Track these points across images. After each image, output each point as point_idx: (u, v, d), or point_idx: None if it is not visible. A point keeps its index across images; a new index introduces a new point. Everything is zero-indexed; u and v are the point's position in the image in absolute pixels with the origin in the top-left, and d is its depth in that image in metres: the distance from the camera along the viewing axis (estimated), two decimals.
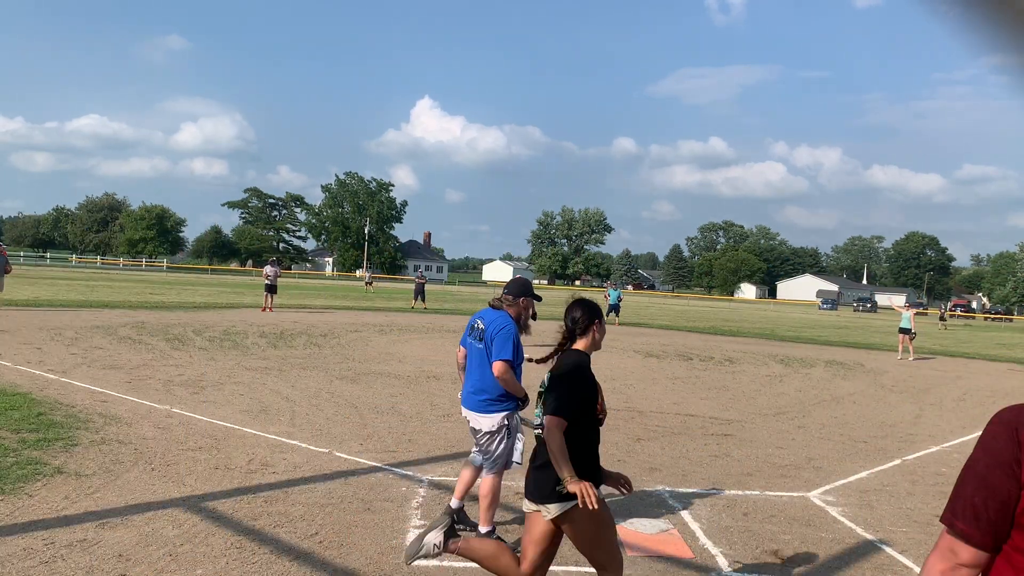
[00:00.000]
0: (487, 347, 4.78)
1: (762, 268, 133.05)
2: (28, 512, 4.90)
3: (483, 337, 4.82)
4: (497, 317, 4.87)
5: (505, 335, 4.75)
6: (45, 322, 16.67)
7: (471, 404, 4.91)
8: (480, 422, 4.85)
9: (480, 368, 4.84)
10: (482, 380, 4.82)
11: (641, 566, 4.64)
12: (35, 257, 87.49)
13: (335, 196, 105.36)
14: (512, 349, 4.75)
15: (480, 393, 4.84)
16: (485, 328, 4.84)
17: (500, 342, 4.73)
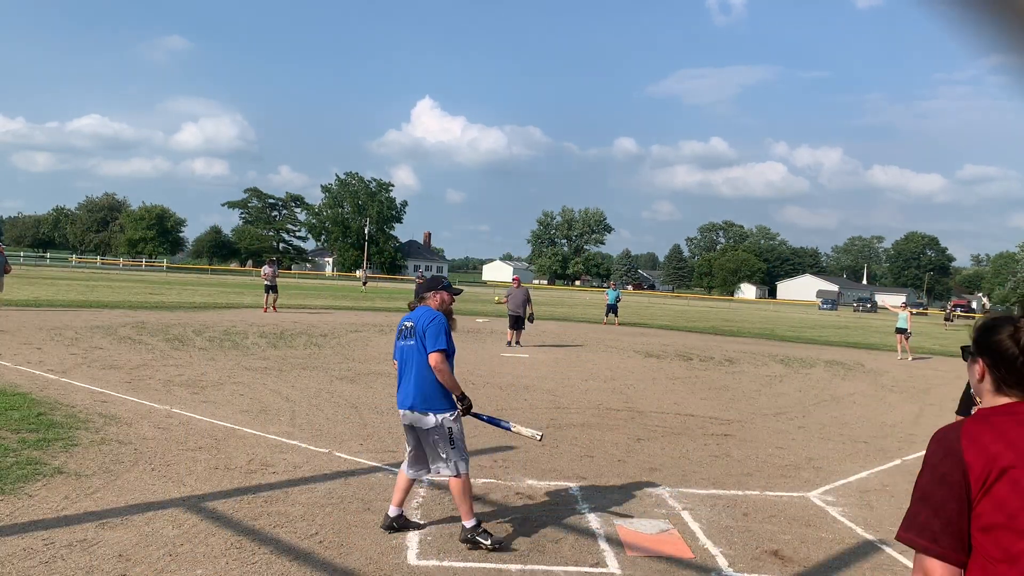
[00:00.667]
0: (420, 342, 4.73)
1: (762, 268, 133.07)
2: (28, 512, 4.90)
3: (414, 333, 4.78)
4: (424, 312, 4.86)
5: (437, 326, 4.73)
6: (45, 322, 16.67)
7: (412, 404, 4.81)
8: (420, 422, 4.79)
9: (416, 367, 4.78)
10: (418, 378, 4.77)
11: (641, 566, 4.64)
12: (35, 257, 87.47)
13: (335, 196, 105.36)
14: (446, 339, 4.73)
15: (418, 392, 4.78)
16: (415, 325, 4.80)
17: (433, 333, 4.71)
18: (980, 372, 1.85)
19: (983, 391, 1.86)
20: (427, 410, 4.77)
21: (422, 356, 4.74)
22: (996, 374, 1.80)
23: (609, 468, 6.97)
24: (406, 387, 4.86)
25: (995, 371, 1.80)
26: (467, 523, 4.76)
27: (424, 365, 4.74)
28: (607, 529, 5.26)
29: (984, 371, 1.84)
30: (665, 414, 10.03)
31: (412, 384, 4.82)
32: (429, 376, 4.75)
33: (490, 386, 11.46)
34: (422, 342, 4.74)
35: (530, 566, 4.53)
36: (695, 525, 5.45)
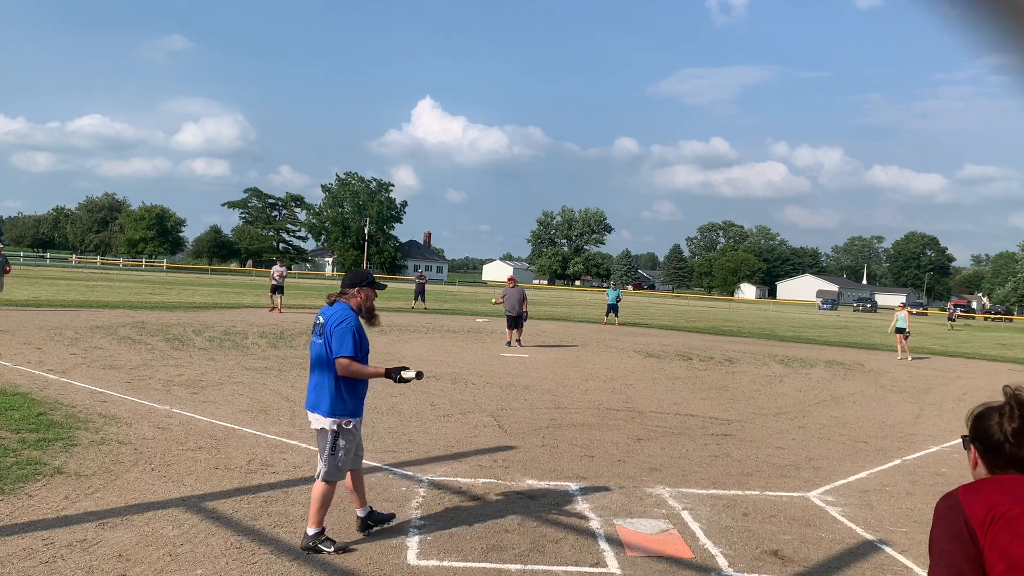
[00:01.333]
0: (327, 343, 4.60)
1: (762, 268, 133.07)
2: (28, 512, 4.90)
3: (323, 332, 4.64)
4: (336, 311, 4.70)
5: (344, 329, 4.57)
6: (45, 322, 16.67)
7: (309, 401, 4.73)
8: (316, 422, 4.69)
9: (319, 365, 4.66)
10: (319, 377, 4.66)
11: (641, 566, 4.64)
12: (35, 257, 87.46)
13: (335, 196, 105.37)
14: (352, 344, 4.56)
15: (316, 389, 4.68)
16: (324, 323, 4.67)
17: (339, 337, 4.55)
18: (974, 460, 1.98)
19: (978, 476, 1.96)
20: (319, 412, 4.64)
21: (326, 357, 4.59)
22: (987, 459, 1.92)
23: (609, 468, 6.97)
24: (309, 386, 4.78)
25: (985, 456, 1.93)
26: (311, 530, 4.59)
27: (325, 366, 4.60)
28: (607, 529, 5.26)
29: (977, 458, 1.96)
30: (665, 414, 10.03)
31: (313, 384, 4.72)
32: (328, 378, 4.60)
33: (490, 386, 11.46)
34: (328, 344, 4.59)
35: (530, 566, 4.53)
36: (695, 525, 5.45)
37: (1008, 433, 1.85)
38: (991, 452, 1.89)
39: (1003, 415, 1.88)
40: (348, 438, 4.69)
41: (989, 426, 1.90)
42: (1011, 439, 1.84)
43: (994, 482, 1.85)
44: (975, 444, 1.95)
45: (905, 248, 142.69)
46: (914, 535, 5.53)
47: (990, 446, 1.89)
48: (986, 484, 1.85)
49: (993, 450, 1.89)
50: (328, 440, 4.64)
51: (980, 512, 1.76)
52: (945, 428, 10.35)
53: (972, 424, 1.98)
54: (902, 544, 5.32)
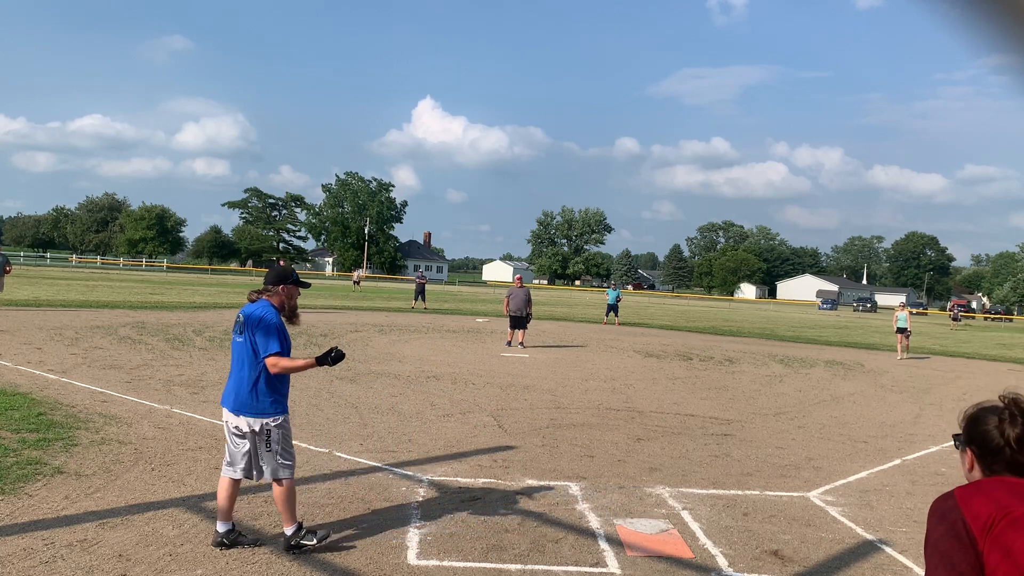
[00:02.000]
0: (249, 342, 4.49)
1: (762, 268, 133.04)
2: (28, 512, 4.90)
3: (244, 330, 4.53)
4: (256, 308, 4.58)
5: (266, 327, 4.46)
6: (45, 322, 16.67)
7: (231, 402, 4.58)
8: (240, 422, 4.54)
9: (240, 365, 4.54)
10: (240, 379, 4.54)
11: (641, 566, 4.64)
12: (35, 257, 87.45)
13: (335, 196, 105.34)
14: (279, 340, 4.47)
15: (242, 391, 4.53)
16: (245, 321, 4.55)
17: (263, 336, 4.45)
18: (969, 462, 1.95)
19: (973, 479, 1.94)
20: (243, 413, 4.52)
21: (248, 355, 4.50)
22: (984, 463, 1.90)
23: (609, 468, 6.97)
24: (229, 385, 4.65)
25: (983, 460, 1.90)
26: (288, 529, 4.53)
27: (247, 365, 4.50)
28: (607, 529, 5.26)
29: (973, 461, 1.93)
30: (665, 414, 10.03)
31: (233, 383, 4.60)
32: (250, 378, 4.50)
33: (490, 386, 11.46)
34: (252, 342, 4.48)
35: (530, 566, 4.53)
36: (695, 525, 5.45)
37: (1011, 439, 1.83)
38: (989, 456, 1.88)
39: (1003, 420, 1.86)
40: (282, 433, 4.57)
41: (987, 430, 1.88)
42: (1013, 445, 1.83)
43: (993, 484, 1.83)
44: (971, 447, 1.93)
45: (905, 248, 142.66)
46: (914, 535, 5.53)
47: (989, 450, 1.87)
48: (985, 486, 1.83)
49: (992, 454, 1.87)
50: (263, 440, 4.51)
51: (980, 515, 1.74)
52: (945, 428, 10.35)
53: (967, 426, 1.96)
54: (902, 544, 5.32)
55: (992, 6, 1.16)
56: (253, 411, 4.51)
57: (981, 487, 1.83)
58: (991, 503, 1.76)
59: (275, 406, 4.56)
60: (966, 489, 1.84)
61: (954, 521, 1.77)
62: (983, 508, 1.75)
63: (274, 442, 4.53)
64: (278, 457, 4.55)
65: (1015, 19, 1.14)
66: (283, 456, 4.57)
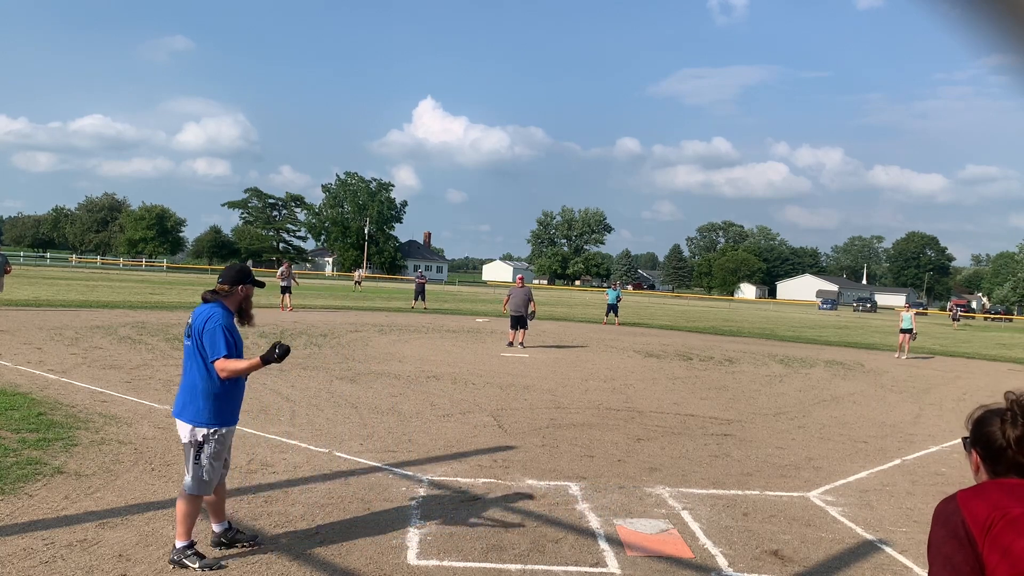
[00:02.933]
0: (196, 345, 4.30)
1: (762, 268, 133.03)
2: (28, 512, 4.90)
3: (191, 334, 4.36)
4: (203, 310, 4.38)
5: (211, 331, 4.26)
6: (45, 322, 16.67)
7: (176, 407, 4.42)
8: (181, 429, 4.36)
9: (188, 369, 4.36)
10: (187, 381, 4.36)
11: (641, 566, 4.64)
12: (35, 257, 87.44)
13: (335, 196, 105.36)
14: (224, 343, 4.25)
15: (182, 395, 4.37)
16: (192, 323, 4.37)
17: (209, 340, 4.25)
18: (975, 464, 1.96)
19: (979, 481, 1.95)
20: (182, 418, 4.34)
21: (194, 360, 4.32)
22: (988, 464, 1.91)
23: (609, 468, 6.97)
24: (179, 388, 4.47)
25: (987, 462, 1.92)
26: (178, 543, 4.29)
27: (192, 370, 4.32)
28: (607, 529, 5.26)
29: (979, 462, 1.95)
30: (665, 414, 10.03)
31: (181, 389, 4.42)
32: (193, 382, 4.31)
33: (490, 386, 11.45)
34: (199, 346, 4.29)
35: (530, 566, 4.53)
36: (695, 525, 5.45)
37: (1012, 440, 1.84)
38: (993, 457, 1.89)
39: (1005, 421, 1.87)
40: (214, 448, 4.32)
41: (991, 431, 1.89)
42: (1014, 445, 1.84)
43: (995, 486, 1.84)
44: (976, 449, 1.94)
45: (905, 248, 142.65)
46: (914, 535, 5.53)
47: (992, 451, 1.89)
48: (987, 488, 1.84)
49: (995, 456, 1.88)
50: (192, 450, 4.29)
51: (980, 515, 1.75)
52: (945, 428, 10.35)
53: (972, 428, 1.97)
54: (902, 544, 5.32)
55: (992, 6, 1.16)
56: (190, 418, 4.30)
57: (982, 489, 1.84)
58: (989, 504, 1.77)
59: (216, 416, 4.31)
60: (968, 492, 1.85)
61: (955, 524, 1.78)
62: (982, 509, 1.76)
63: (203, 457, 4.29)
64: (202, 471, 4.29)
65: (1015, 19, 1.14)
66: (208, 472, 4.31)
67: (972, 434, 1.96)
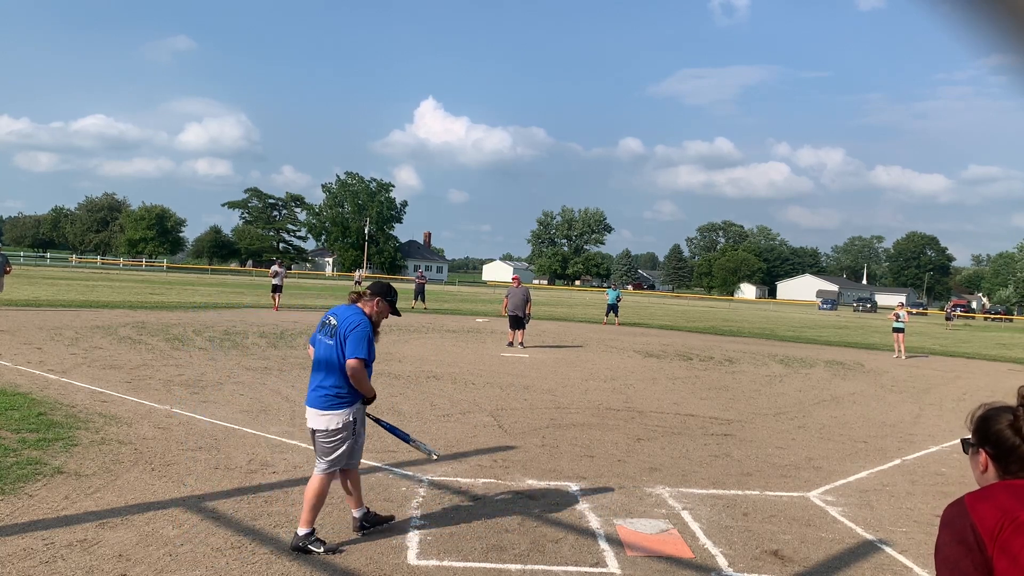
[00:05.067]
0: (338, 344, 4.60)
1: (762, 268, 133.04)
2: (28, 512, 4.90)
3: (335, 333, 4.65)
4: (351, 313, 4.72)
5: (360, 333, 4.60)
6: (45, 322, 16.67)
7: (313, 400, 4.69)
8: (320, 420, 4.64)
9: (327, 365, 4.65)
10: (327, 377, 4.64)
11: (641, 566, 4.64)
12: (35, 257, 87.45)
13: (335, 196, 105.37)
14: (367, 348, 4.61)
15: (323, 390, 4.65)
16: (337, 324, 4.67)
17: (355, 340, 4.58)
18: (984, 463, 1.89)
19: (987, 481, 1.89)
20: (322, 409, 4.63)
21: (335, 358, 4.60)
22: (1000, 464, 1.85)
23: (609, 468, 6.97)
24: (312, 382, 4.75)
25: (998, 461, 1.86)
26: (301, 530, 4.57)
27: (334, 367, 4.60)
28: (607, 529, 5.26)
29: (988, 462, 1.88)
30: (665, 414, 10.03)
31: (316, 383, 4.70)
32: (333, 378, 4.62)
33: (490, 386, 11.45)
34: (341, 346, 4.60)
35: (530, 566, 4.53)
36: (695, 525, 5.45)
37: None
38: (1005, 457, 1.83)
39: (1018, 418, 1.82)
40: (351, 431, 4.69)
41: (1000, 430, 1.84)
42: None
43: (1005, 488, 1.80)
44: (985, 448, 1.88)
45: (905, 248, 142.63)
46: (914, 535, 5.53)
47: (1004, 450, 1.83)
48: (996, 491, 1.80)
49: (1007, 454, 1.83)
50: (339, 437, 4.64)
51: (989, 519, 1.72)
52: (945, 428, 10.35)
53: (977, 427, 1.92)
54: (902, 544, 5.32)
55: (992, 6, 1.16)
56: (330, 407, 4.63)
57: (990, 492, 1.81)
58: (998, 508, 1.73)
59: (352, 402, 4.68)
60: (976, 495, 1.81)
61: (962, 527, 1.75)
62: (991, 514, 1.73)
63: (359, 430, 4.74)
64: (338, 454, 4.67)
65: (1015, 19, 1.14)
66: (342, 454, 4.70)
67: (978, 433, 1.91)
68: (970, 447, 1.95)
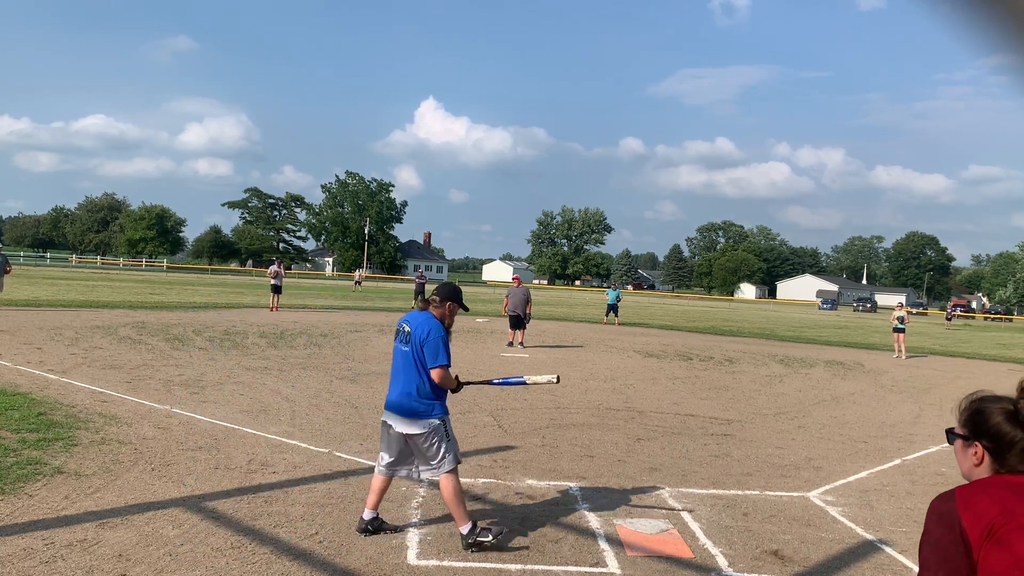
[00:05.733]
0: (415, 351, 4.76)
1: (762, 268, 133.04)
2: (28, 512, 4.89)
3: (410, 340, 4.79)
4: (423, 320, 4.87)
5: (435, 340, 4.77)
6: (45, 322, 16.67)
7: (399, 407, 4.80)
8: (412, 427, 4.75)
9: (406, 372, 4.78)
10: (409, 384, 4.77)
11: (641, 566, 4.64)
12: (35, 257, 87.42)
13: (335, 196, 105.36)
14: (445, 353, 4.80)
15: (409, 397, 4.76)
16: (412, 332, 4.81)
17: (432, 348, 4.75)
18: (979, 456, 1.84)
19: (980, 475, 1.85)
20: (417, 418, 4.75)
21: (413, 364, 4.76)
22: (997, 456, 1.81)
23: (609, 468, 6.97)
24: (395, 389, 4.87)
25: (995, 454, 1.81)
26: (463, 528, 4.70)
27: (414, 373, 4.74)
28: (607, 529, 5.26)
29: (984, 455, 1.83)
30: (665, 414, 10.03)
31: (400, 388, 4.81)
32: (414, 383, 4.76)
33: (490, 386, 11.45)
34: (419, 353, 4.75)
35: (530, 566, 4.53)
36: (695, 525, 5.45)
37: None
38: (1003, 449, 1.79)
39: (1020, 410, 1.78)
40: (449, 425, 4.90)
41: (999, 423, 1.79)
42: None
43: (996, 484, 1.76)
44: (982, 441, 1.83)
45: (905, 248, 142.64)
46: (914, 535, 5.53)
47: (1003, 444, 1.79)
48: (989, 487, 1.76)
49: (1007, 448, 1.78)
50: (437, 438, 4.77)
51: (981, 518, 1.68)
52: (945, 428, 10.34)
53: (971, 419, 1.86)
54: (902, 544, 5.32)
55: (992, 6, 1.16)
56: (425, 413, 4.75)
57: (984, 487, 1.76)
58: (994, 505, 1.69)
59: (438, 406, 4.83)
60: (967, 489, 1.77)
61: (950, 524, 1.71)
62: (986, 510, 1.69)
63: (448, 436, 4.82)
64: (454, 447, 4.83)
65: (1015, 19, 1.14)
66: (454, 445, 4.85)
67: (974, 426, 1.86)
68: (958, 438, 1.90)
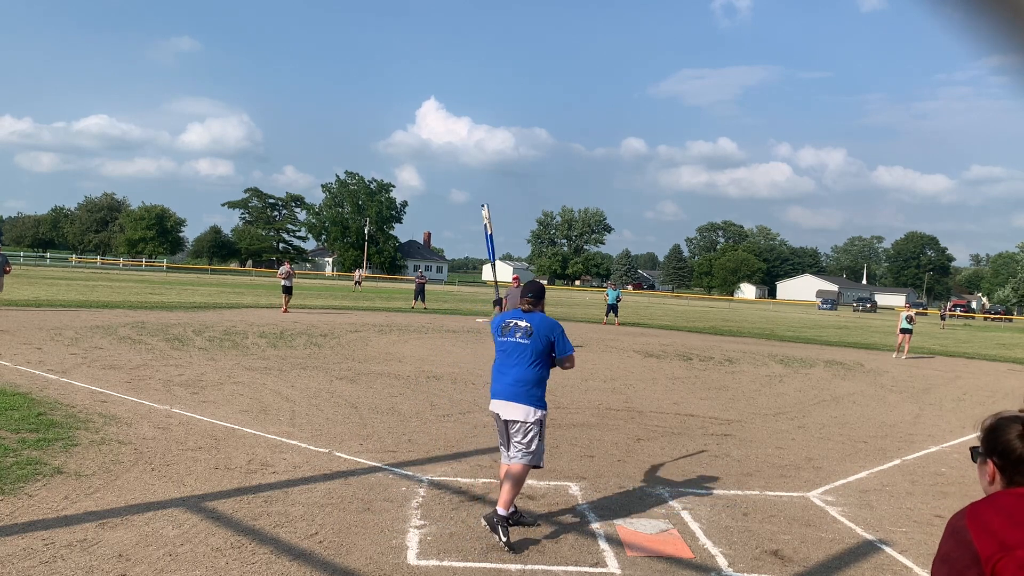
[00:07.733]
0: (538, 344, 5.12)
1: (762, 268, 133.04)
2: (28, 512, 4.89)
3: (531, 333, 5.15)
4: (542, 317, 5.28)
5: (561, 333, 5.23)
6: (45, 322, 16.67)
7: (511, 395, 5.08)
8: (518, 412, 5.04)
9: (521, 362, 5.13)
10: (524, 373, 5.09)
11: (641, 566, 4.64)
12: (35, 257, 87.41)
13: (335, 196, 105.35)
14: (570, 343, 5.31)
15: (522, 384, 5.08)
16: (533, 327, 5.18)
17: (563, 338, 5.21)
18: (991, 474, 1.87)
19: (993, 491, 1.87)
20: (526, 404, 5.04)
21: (531, 356, 5.11)
22: (1006, 474, 1.83)
23: (609, 468, 6.97)
24: (505, 379, 5.16)
25: (1005, 472, 1.83)
26: (502, 510, 4.86)
27: (529, 364, 5.09)
28: (607, 529, 5.26)
29: (994, 472, 1.86)
30: (665, 414, 10.03)
31: (512, 379, 5.12)
32: (533, 375, 5.10)
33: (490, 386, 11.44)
34: (543, 344, 5.12)
35: (530, 566, 4.53)
36: (695, 525, 5.45)
37: None
38: (1012, 467, 1.82)
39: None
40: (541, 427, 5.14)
41: (1009, 440, 1.82)
42: None
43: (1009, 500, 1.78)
44: (992, 458, 1.86)
45: (905, 248, 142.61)
46: (914, 535, 5.53)
47: (1011, 461, 1.82)
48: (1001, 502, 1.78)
49: (1014, 465, 1.81)
50: (536, 430, 5.07)
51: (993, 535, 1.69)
52: (945, 428, 10.35)
53: (986, 436, 1.90)
54: (902, 544, 5.32)
55: (992, 6, 1.16)
56: (535, 404, 5.08)
57: (996, 503, 1.78)
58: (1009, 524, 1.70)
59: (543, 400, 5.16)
60: (978, 506, 1.79)
61: (961, 540, 1.73)
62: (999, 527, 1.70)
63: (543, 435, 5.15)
64: (543, 445, 5.17)
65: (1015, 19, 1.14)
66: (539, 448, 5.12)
67: (987, 442, 1.89)
68: (978, 456, 1.93)
